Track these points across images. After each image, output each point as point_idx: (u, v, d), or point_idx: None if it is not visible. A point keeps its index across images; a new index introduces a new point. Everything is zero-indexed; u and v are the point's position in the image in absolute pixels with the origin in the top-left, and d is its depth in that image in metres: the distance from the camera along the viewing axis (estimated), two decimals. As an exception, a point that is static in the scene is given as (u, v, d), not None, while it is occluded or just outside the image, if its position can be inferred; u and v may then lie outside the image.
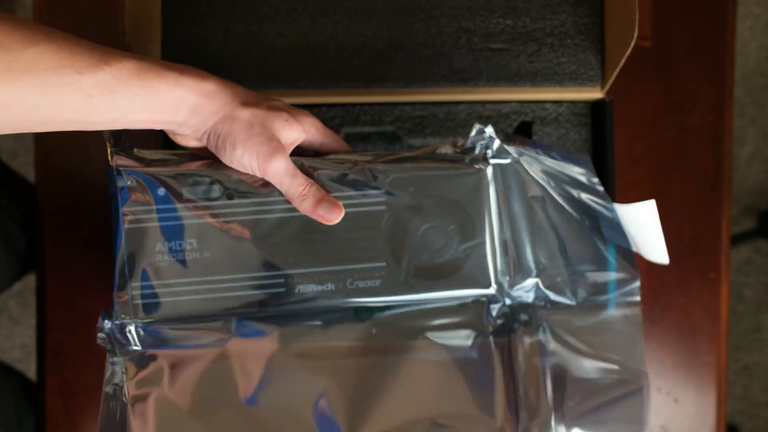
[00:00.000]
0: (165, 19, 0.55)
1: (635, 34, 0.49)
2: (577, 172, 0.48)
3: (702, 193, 0.64)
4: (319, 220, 0.42)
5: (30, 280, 1.28)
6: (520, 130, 0.60)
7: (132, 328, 0.42)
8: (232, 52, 0.55)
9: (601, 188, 0.48)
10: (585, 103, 0.58)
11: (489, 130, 0.46)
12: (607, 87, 0.56)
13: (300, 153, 0.45)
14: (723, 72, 0.64)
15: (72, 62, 0.34)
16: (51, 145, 0.61)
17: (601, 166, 0.57)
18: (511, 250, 0.47)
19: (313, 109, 0.56)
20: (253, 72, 0.55)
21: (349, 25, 0.56)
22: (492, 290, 0.46)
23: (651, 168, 0.64)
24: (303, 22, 0.56)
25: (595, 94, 0.57)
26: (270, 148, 0.40)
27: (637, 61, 0.63)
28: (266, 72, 0.55)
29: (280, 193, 0.43)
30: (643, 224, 0.48)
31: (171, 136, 0.42)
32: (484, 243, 0.46)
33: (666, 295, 0.64)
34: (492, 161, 0.46)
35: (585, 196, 0.48)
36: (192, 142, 0.43)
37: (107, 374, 0.43)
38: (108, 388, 0.42)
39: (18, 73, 0.33)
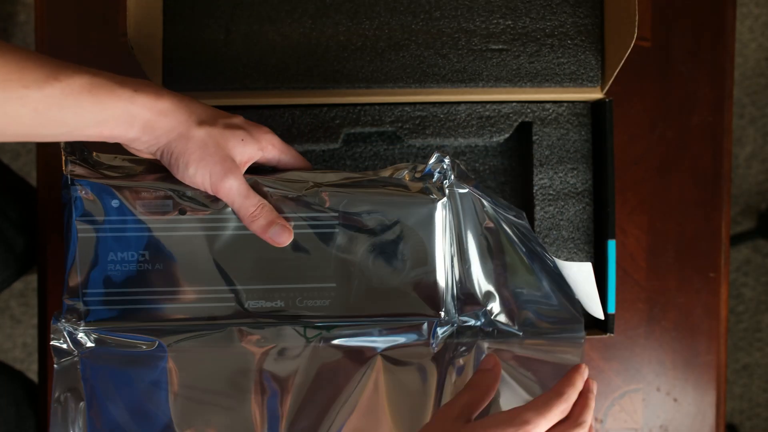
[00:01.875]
0: (166, 20, 0.55)
1: (635, 34, 0.49)
2: (515, 222, 0.49)
3: (702, 193, 0.64)
4: (269, 241, 0.43)
5: (32, 280, 1.28)
6: (520, 130, 0.60)
7: (82, 332, 0.43)
8: (233, 53, 0.55)
9: (539, 243, 0.49)
10: (585, 103, 0.58)
11: (447, 161, 0.46)
12: (607, 87, 0.56)
13: (257, 169, 0.45)
14: (722, 72, 0.64)
15: (19, 76, 0.34)
16: (52, 146, 0.61)
17: (601, 166, 0.57)
18: (462, 277, 0.47)
19: (313, 110, 0.56)
20: (254, 72, 0.55)
21: (349, 25, 0.56)
22: (440, 316, 0.46)
23: (651, 168, 0.64)
24: (303, 23, 0.56)
25: (595, 94, 0.57)
26: (223, 168, 0.41)
27: (637, 61, 0.63)
28: (267, 72, 0.55)
29: (233, 212, 0.43)
30: (581, 282, 0.49)
31: (125, 147, 0.42)
32: (434, 270, 0.46)
33: (666, 295, 0.64)
34: (448, 190, 0.46)
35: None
36: (145, 155, 0.43)
37: (56, 378, 0.44)
38: (57, 394, 0.44)
39: None
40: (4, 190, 0.70)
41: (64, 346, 0.43)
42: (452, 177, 0.46)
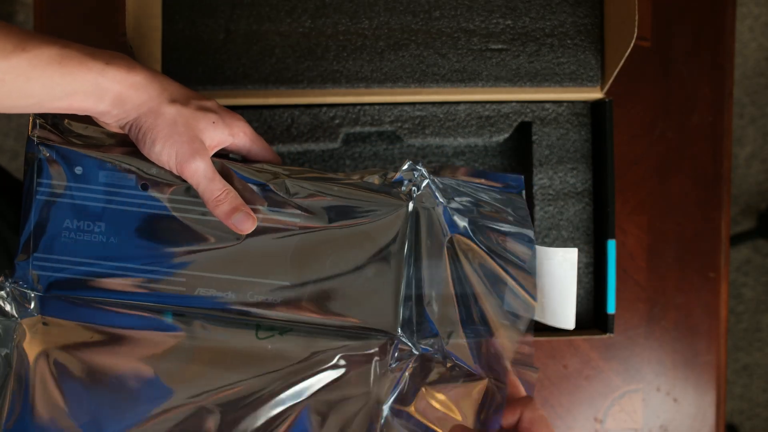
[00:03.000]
0: (165, 20, 0.55)
1: (635, 34, 0.49)
2: (501, 200, 0.46)
3: (702, 193, 0.64)
4: (231, 227, 0.41)
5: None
6: (520, 129, 0.60)
7: (31, 294, 0.42)
8: (233, 52, 0.55)
9: (527, 219, 0.46)
10: (585, 103, 0.58)
11: (421, 168, 0.45)
12: (606, 87, 0.56)
13: (225, 156, 0.45)
14: (722, 72, 0.64)
15: None
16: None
17: (601, 166, 0.57)
18: (426, 292, 0.45)
19: (313, 109, 0.56)
20: (253, 72, 0.55)
21: (349, 25, 0.56)
22: (392, 330, 0.44)
23: (651, 168, 0.64)
24: (303, 23, 0.56)
25: (595, 94, 0.57)
26: (191, 148, 0.40)
27: (637, 61, 0.63)
28: (266, 72, 0.55)
29: (198, 198, 0.42)
30: (560, 276, 0.46)
31: (95, 119, 0.42)
32: (392, 281, 0.44)
33: (666, 295, 0.64)
34: (415, 201, 0.45)
35: (509, 244, 0.46)
36: (115, 129, 0.42)
37: None
38: None
39: None
40: (1, 192, 0.69)
41: (8, 307, 0.42)
42: (422, 185, 0.45)
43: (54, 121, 0.43)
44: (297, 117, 0.56)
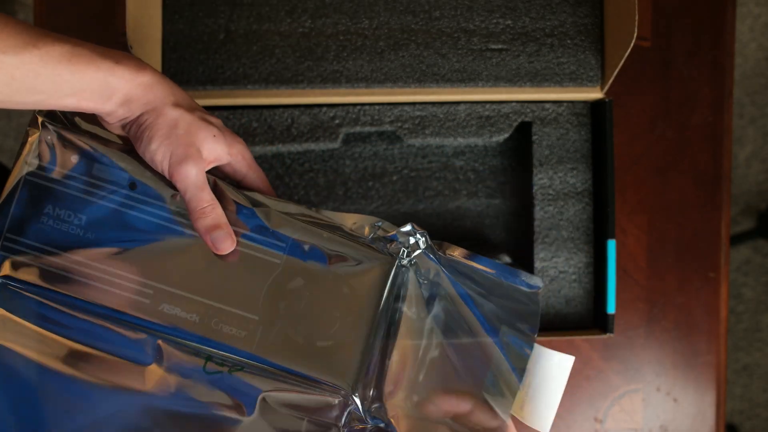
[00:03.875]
0: (165, 20, 0.55)
1: (635, 34, 0.49)
2: (514, 300, 0.44)
3: (702, 193, 0.64)
4: (208, 244, 0.40)
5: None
6: (520, 129, 0.60)
7: None
8: (233, 52, 0.55)
9: (534, 329, 0.44)
10: (585, 103, 0.58)
11: (419, 238, 0.43)
12: (607, 87, 0.56)
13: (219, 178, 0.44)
14: (722, 72, 0.64)
15: None
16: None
17: (601, 166, 0.57)
18: (390, 359, 0.43)
19: (312, 109, 0.56)
20: (253, 72, 0.55)
21: (349, 25, 0.56)
22: (348, 393, 0.41)
23: (651, 168, 0.64)
24: (303, 23, 0.56)
25: (595, 94, 0.57)
26: (186, 152, 0.39)
27: (637, 61, 0.63)
28: (266, 72, 0.55)
29: (184, 211, 0.41)
30: (550, 377, 0.43)
31: (99, 120, 0.42)
32: (359, 341, 0.41)
33: (666, 295, 0.64)
34: (404, 264, 0.43)
35: (505, 329, 0.44)
36: (117, 130, 0.42)
37: None
38: None
39: None
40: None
41: None
42: (414, 254, 0.43)
43: (64, 113, 0.42)
44: (297, 117, 0.56)
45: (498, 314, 0.44)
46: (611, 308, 0.55)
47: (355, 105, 0.57)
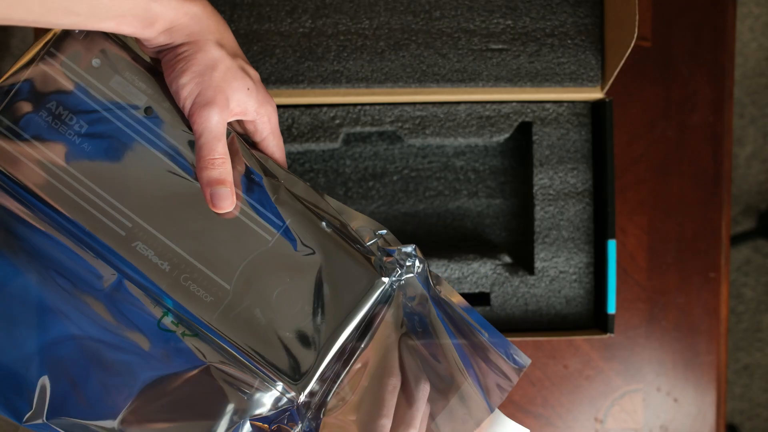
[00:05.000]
0: (166, 20, 0.55)
1: (635, 34, 0.49)
2: (494, 366, 0.42)
3: (702, 193, 0.64)
4: (206, 198, 0.38)
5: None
6: (520, 130, 0.60)
7: None
8: (233, 53, 0.55)
9: (501, 399, 0.42)
10: (585, 103, 0.58)
11: (418, 265, 0.42)
12: (607, 87, 0.56)
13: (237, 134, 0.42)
14: (723, 72, 0.64)
15: None
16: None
17: (601, 166, 0.57)
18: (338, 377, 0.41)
19: (313, 109, 0.56)
20: (254, 72, 0.55)
21: (349, 25, 0.56)
22: (294, 394, 0.39)
23: (651, 168, 0.64)
24: (303, 23, 0.56)
25: (595, 94, 0.57)
26: (214, 97, 0.37)
27: (637, 61, 0.63)
28: (267, 72, 0.55)
29: (192, 156, 0.39)
30: None
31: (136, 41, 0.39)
32: (324, 348, 0.39)
33: (666, 295, 0.64)
34: (391, 281, 0.42)
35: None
36: (151, 54, 0.39)
37: None
38: None
39: None
40: None
41: None
42: (407, 276, 0.42)
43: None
44: (297, 117, 0.56)
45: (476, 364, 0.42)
46: (611, 308, 0.55)
47: (355, 105, 0.57)
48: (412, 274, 0.42)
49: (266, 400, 0.40)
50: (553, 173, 0.58)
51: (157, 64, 0.39)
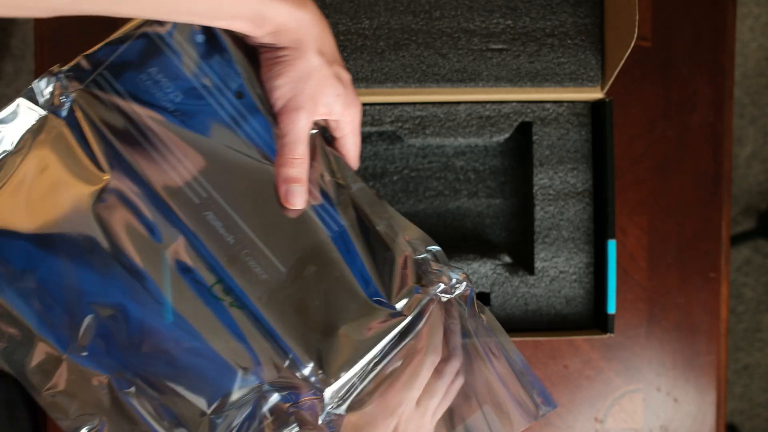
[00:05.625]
0: (166, 20, 0.55)
1: (635, 34, 0.49)
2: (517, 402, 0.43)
3: (702, 193, 0.64)
4: (280, 193, 0.40)
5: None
6: (520, 130, 0.60)
7: (69, 99, 0.40)
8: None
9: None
10: (585, 103, 0.58)
11: (462, 288, 0.42)
12: (607, 87, 0.56)
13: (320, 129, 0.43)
14: (723, 72, 0.64)
15: None
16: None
17: (601, 166, 0.57)
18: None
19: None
20: (254, 72, 0.55)
21: (349, 25, 0.56)
22: (321, 389, 0.40)
23: (651, 168, 0.64)
24: (303, 23, 0.56)
25: (595, 94, 0.57)
26: (306, 103, 0.39)
27: (637, 61, 0.63)
28: (267, 72, 0.55)
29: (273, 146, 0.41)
30: None
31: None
32: (365, 352, 0.40)
33: (666, 295, 0.64)
34: (431, 296, 0.42)
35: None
36: (252, 43, 0.41)
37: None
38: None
39: None
40: None
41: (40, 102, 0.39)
42: (451, 297, 0.42)
43: None
44: (297, 117, 0.56)
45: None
46: (611, 308, 0.55)
47: (355, 105, 0.57)
48: (455, 294, 0.43)
49: (292, 384, 0.40)
50: (553, 173, 0.58)
51: (254, 52, 0.41)
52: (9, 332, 0.39)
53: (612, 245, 0.55)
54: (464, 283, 0.42)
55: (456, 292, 0.42)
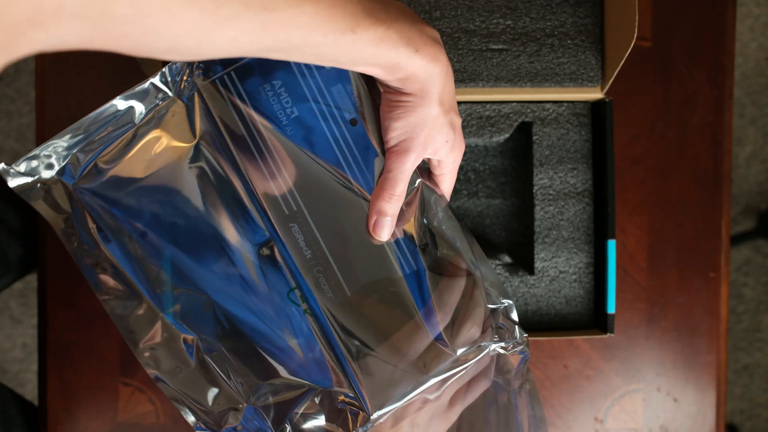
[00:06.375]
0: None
1: (635, 35, 0.49)
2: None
3: (702, 193, 0.64)
4: (369, 221, 0.42)
5: (32, 280, 1.28)
6: (520, 130, 0.60)
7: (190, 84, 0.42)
8: (233, 53, 0.55)
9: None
10: (585, 103, 0.58)
11: (517, 347, 0.44)
12: (607, 87, 0.56)
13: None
14: (723, 72, 0.64)
15: (324, 25, 0.35)
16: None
17: (601, 166, 0.57)
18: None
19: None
20: (254, 72, 0.55)
21: (349, 25, 0.56)
22: (371, 410, 0.42)
23: (651, 168, 0.64)
24: (304, 23, 0.56)
25: (595, 94, 0.57)
26: (416, 146, 0.41)
27: (637, 61, 0.63)
28: (267, 72, 0.55)
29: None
30: None
31: None
32: (410, 391, 0.42)
33: (666, 295, 0.64)
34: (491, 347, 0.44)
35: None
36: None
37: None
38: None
39: (272, 28, 0.33)
40: (5, 200, 0.70)
41: (163, 87, 0.42)
42: (506, 353, 0.44)
43: None
44: (297, 117, 0.56)
45: None
46: (611, 308, 0.55)
47: (355, 105, 0.57)
48: (508, 352, 0.44)
49: (338, 397, 0.43)
50: (553, 173, 0.58)
51: (373, 82, 0.43)
52: (112, 286, 0.42)
53: (612, 245, 0.55)
54: (522, 346, 0.44)
55: (514, 351, 0.45)
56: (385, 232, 0.42)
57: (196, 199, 0.42)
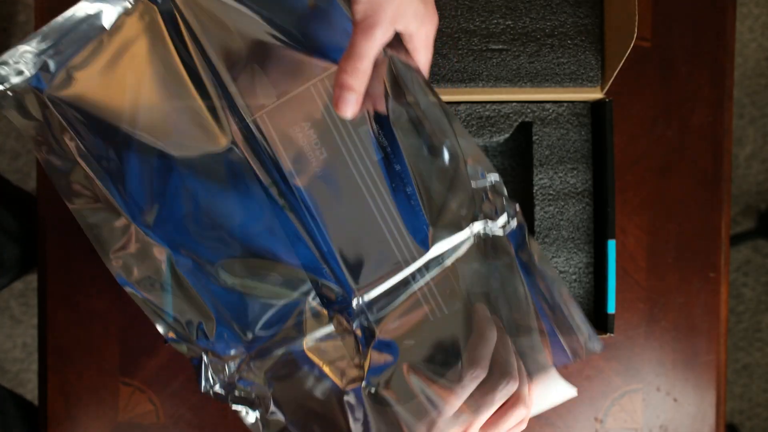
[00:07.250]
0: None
1: (635, 34, 0.49)
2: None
3: (702, 193, 0.64)
4: (334, 95, 0.40)
5: (32, 280, 1.28)
6: (520, 130, 0.60)
7: None
8: (233, 53, 0.55)
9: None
10: (585, 103, 0.58)
11: (512, 222, 0.43)
12: (607, 87, 0.56)
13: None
14: (722, 72, 0.64)
15: None
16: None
17: (601, 166, 0.57)
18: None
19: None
20: (254, 72, 0.55)
21: (349, 25, 0.56)
22: (355, 292, 0.42)
23: (651, 168, 0.64)
24: (304, 23, 0.56)
25: (595, 94, 0.57)
26: (380, 22, 0.39)
27: (637, 61, 0.63)
28: (267, 72, 0.55)
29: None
30: (546, 398, 0.46)
31: None
32: (400, 269, 0.42)
33: (666, 295, 0.64)
34: (478, 231, 0.43)
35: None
36: None
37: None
38: None
39: None
40: (2, 201, 0.70)
41: None
42: (499, 230, 0.43)
43: None
44: (297, 117, 0.56)
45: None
46: (611, 308, 0.55)
47: (355, 105, 0.57)
48: (502, 227, 0.43)
49: (330, 289, 0.43)
50: (553, 173, 0.58)
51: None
52: (86, 194, 0.42)
53: (612, 245, 0.55)
54: (515, 219, 0.42)
55: (509, 229, 0.43)
56: (348, 108, 0.40)
57: (164, 87, 0.41)
